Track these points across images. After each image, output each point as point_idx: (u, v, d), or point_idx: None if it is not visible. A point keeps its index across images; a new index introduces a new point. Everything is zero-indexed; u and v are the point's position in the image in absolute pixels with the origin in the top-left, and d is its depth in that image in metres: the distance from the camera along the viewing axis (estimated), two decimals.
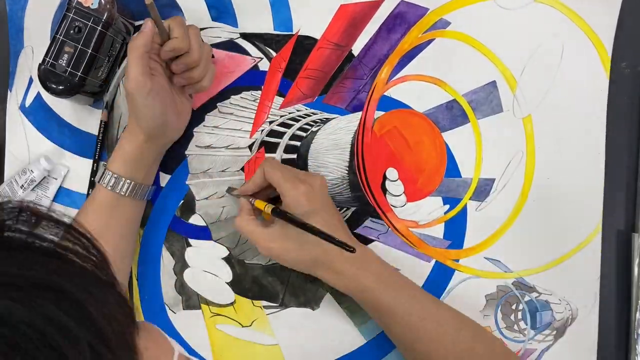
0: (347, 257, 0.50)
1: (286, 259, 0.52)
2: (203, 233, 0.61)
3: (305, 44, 0.60)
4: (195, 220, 0.61)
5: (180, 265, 0.61)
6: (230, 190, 0.59)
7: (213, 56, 0.58)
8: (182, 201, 0.61)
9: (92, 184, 0.61)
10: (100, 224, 0.54)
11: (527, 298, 0.58)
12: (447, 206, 0.59)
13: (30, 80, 0.63)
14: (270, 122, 0.60)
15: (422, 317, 0.51)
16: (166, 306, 0.61)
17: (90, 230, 0.52)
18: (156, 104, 0.53)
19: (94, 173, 0.61)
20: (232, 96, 0.61)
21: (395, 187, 0.59)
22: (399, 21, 0.59)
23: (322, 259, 0.51)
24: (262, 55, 0.60)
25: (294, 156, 0.60)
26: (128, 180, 0.54)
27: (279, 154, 0.60)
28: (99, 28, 0.55)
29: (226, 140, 0.61)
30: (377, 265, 0.53)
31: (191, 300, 0.61)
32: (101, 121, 0.60)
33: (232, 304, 0.61)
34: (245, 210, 0.54)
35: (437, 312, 0.52)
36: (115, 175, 0.54)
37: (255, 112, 0.60)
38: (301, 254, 0.51)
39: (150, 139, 0.54)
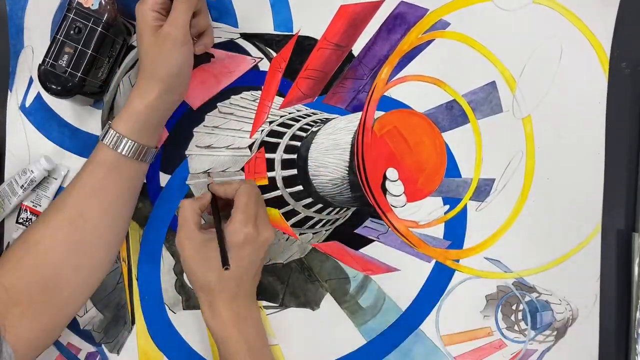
0: (233, 306, 0.52)
1: (188, 266, 0.53)
2: None
3: (305, 44, 0.60)
4: None
5: (181, 266, 0.61)
6: (209, 175, 0.59)
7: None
8: None
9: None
10: (94, 182, 0.53)
11: (527, 298, 0.58)
12: (447, 206, 0.59)
13: (31, 81, 0.63)
14: (270, 122, 0.60)
15: None
16: (166, 306, 0.61)
17: (82, 184, 0.52)
18: (188, 55, 0.53)
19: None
20: (232, 96, 0.61)
21: (395, 187, 0.59)
22: (399, 22, 0.59)
23: (213, 291, 0.52)
24: (262, 56, 0.60)
25: (294, 156, 0.60)
26: (132, 141, 0.52)
27: (279, 154, 0.60)
28: (99, 29, 0.55)
29: (226, 140, 0.61)
30: (255, 336, 0.54)
31: (191, 300, 0.61)
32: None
33: None
34: (200, 201, 0.55)
35: None
36: (119, 135, 0.52)
37: (255, 112, 0.60)
38: (200, 272, 0.52)
39: (167, 91, 0.53)
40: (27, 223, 0.62)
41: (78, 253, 0.53)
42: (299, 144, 0.60)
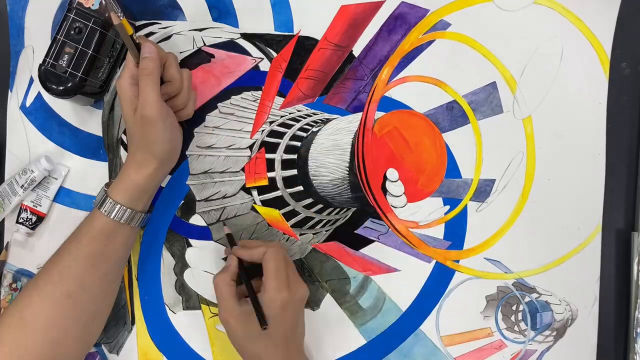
0: None
1: (234, 339, 0.53)
2: (203, 233, 0.61)
3: (305, 45, 0.60)
4: (196, 220, 0.61)
5: (181, 266, 0.61)
6: (229, 237, 0.58)
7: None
8: (182, 202, 0.61)
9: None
10: (95, 250, 0.52)
11: (527, 299, 0.58)
12: (448, 207, 0.59)
13: (31, 80, 0.63)
14: (271, 123, 0.60)
15: None
16: (166, 306, 0.61)
17: (83, 255, 0.52)
18: (173, 127, 0.54)
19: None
20: (233, 96, 0.61)
21: (395, 187, 0.59)
22: (399, 22, 0.59)
23: (262, 357, 0.52)
24: (262, 56, 0.60)
25: (294, 156, 0.60)
26: (130, 209, 0.53)
27: (279, 155, 0.60)
28: (99, 29, 0.55)
29: (227, 140, 0.61)
30: None
31: (191, 300, 0.61)
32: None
33: None
34: (230, 271, 0.54)
35: None
36: (117, 203, 0.52)
37: (255, 112, 0.60)
38: (247, 345, 0.52)
39: (162, 165, 0.54)
40: (27, 223, 0.62)
41: (78, 325, 0.53)
42: (299, 144, 0.60)
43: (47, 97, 0.63)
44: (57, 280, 0.51)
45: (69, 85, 0.55)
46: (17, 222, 0.62)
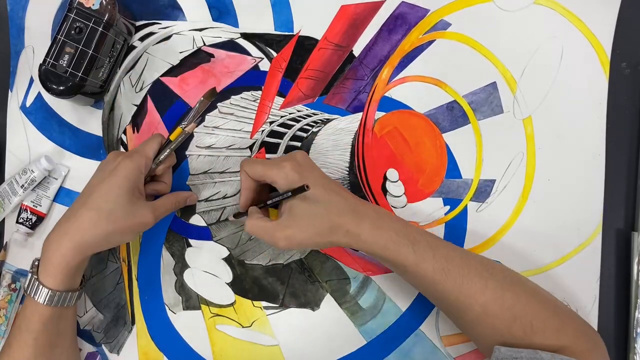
0: (361, 218, 0.49)
1: (305, 238, 0.49)
2: (203, 233, 0.61)
3: (306, 45, 0.60)
4: (196, 220, 0.61)
5: (181, 266, 0.61)
6: (236, 215, 0.58)
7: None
8: None
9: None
10: (44, 343, 0.51)
11: None
12: (448, 207, 0.59)
13: (31, 80, 0.63)
14: (271, 123, 0.60)
15: (447, 268, 0.48)
16: (166, 306, 0.61)
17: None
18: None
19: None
20: (233, 96, 0.61)
21: (395, 188, 0.59)
22: (399, 22, 0.59)
23: (337, 223, 0.49)
24: (262, 56, 0.60)
25: None
26: (65, 292, 0.51)
27: (280, 155, 0.60)
28: (99, 29, 0.55)
29: (227, 140, 0.61)
30: (393, 221, 0.51)
31: (191, 300, 0.61)
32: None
33: (232, 304, 0.61)
34: (254, 211, 0.53)
35: (461, 261, 0.49)
36: (50, 290, 0.50)
37: (255, 112, 0.60)
38: (316, 225, 0.49)
39: (86, 251, 0.52)
40: (27, 223, 0.62)
41: None
42: (299, 144, 0.60)
43: (48, 97, 0.63)
44: None
45: (69, 85, 0.55)
46: (17, 222, 0.62)
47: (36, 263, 0.52)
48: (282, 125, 0.60)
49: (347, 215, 0.49)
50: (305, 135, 0.60)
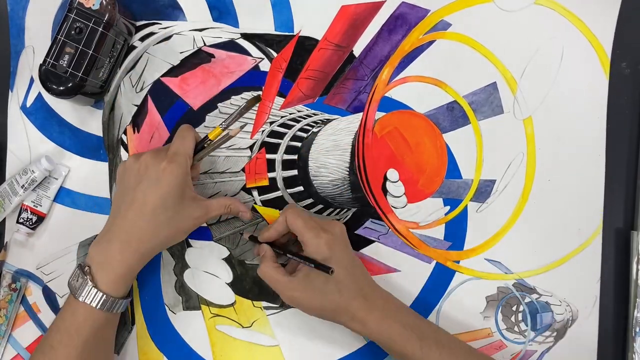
0: (371, 306, 0.50)
1: (309, 307, 0.51)
2: (203, 233, 0.61)
3: (306, 45, 0.60)
4: None
5: (181, 266, 0.61)
6: (252, 238, 0.57)
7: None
8: None
9: None
10: (92, 347, 0.52)
11: (527, 299, 0.58)
12: (448, 207, 0.59)
13: (32, 81, 0.63)
14: (271, 123, 0.60)
15: None
16: (166, 307, 0.61)
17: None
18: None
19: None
20: (233, 96, 0.61)
21: (396, 188, 0.59)
22: (400, 22, 0.59)
23: (344, 307, 0.50)
24: (263, 56, 0.60)
25: (295, 157, 0.60)
26: (120, 299, 0.52)
27: (280, 155, 0.60)
28: (100, 29, 0.55)
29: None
30: (402, 314, 0.52)
31: (191, 300, 0.61)
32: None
33: (232, 304, 0.61)
34: (269, 257, 0.53)
35: None
36: (106, 295, 0.51)
37: (255, 112, 0.60)
38: (324, 302, 0.50)
39: (148, 257, 0.53)
40: (27, 223, 0.62)
41: None
42: (299, 144, 0.60)
43: (48, 97, 0.63)
44: None
45: (70, 85, 0.55)
46: (18, 222, 0.62)
47: (86, 269, 0.51)
48: (282, 125, 0.60)
49: (356, 300, 0.50)
50: (305, 135, 0.60)
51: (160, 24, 0.62)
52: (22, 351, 0.63)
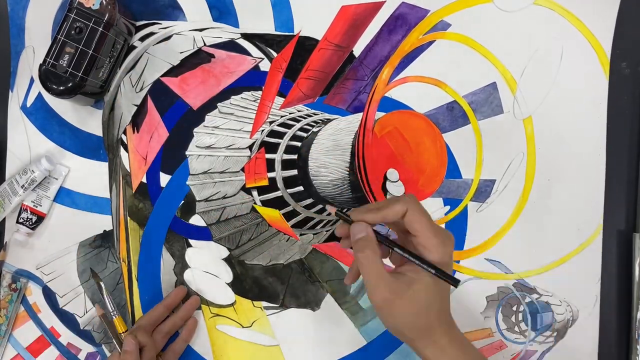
0: (456, 334, 0.44)
1: (398, 317, 0.42)
2: (203, 233, 0.61)
3: (306, 45, 0.60)
4: (196, 220, 0.61)
5: (181, 266, 0.61)
6: (339, 214, 0.45)
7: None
8: (182, 202, 0.61)
9: None
10: None
11: (527, 299, 0.58)
12: (448, 207, 0.59)
13: (32, 81, 0.63)
14: (271, 123, 0.60)
15: None
16: None
17: None
18: None
19: None
20: (233, 96, 0.61)
21: (396, 187, 0.59)
22: (400, 22, 0.59)
23: (433, 328, 0.43)
24: (263, 56, 0.60)
25: (295, 157, 0.60)
26: None
27: (280, 155, 0.60)
28: (100, 29, 0.55)
29: (226, 140, 0.61)
30: (470, 346, 0.45)
31: None
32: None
33: (232, 304, 0.61)
34: (375, 244, 0.43)
35: None
36: None
37: (255, 112, 0.60)
38: (419, 317, 0.42)
39: None
40: (27, 223, 0.62)
41: None
42: (299, 144, 0.60)
43: (48, 97, 0.63)
44: None
45: (69, 85, 0.55)
46: (17, 222, 0.62)
47: None
48: (282, 125, 0.60)
49: (444, 325, 0.44)
50: (305, 135, 0.60)
51: (160, 24, 0.62)
52: (22, 351, 0.63)
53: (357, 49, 0.59)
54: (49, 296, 0.63)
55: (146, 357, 0.56)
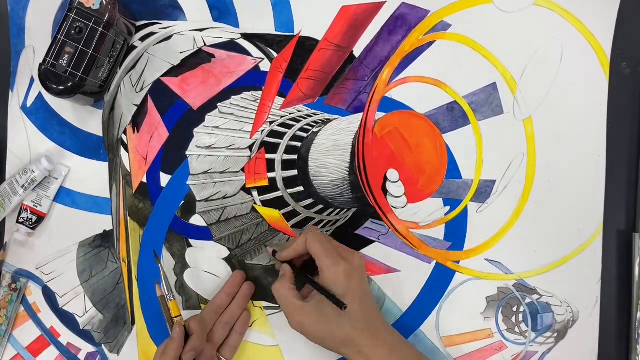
0: (377, 342, 0.50)
1: (316, 335, 0.51)
2: (203, 233, 0.61)
3: (306, 45, 0.60)
4: (196, 220, 0.61)
5: (181, 266, 0.61)
6: (274, 253, 0.57)
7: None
8: (182, 202, 0.61)
9: None
10: None
11: (528, 300, 0.58)
12: (448, 207, 0.59)
13: (32, 80, 0.63)
14: (271, 123, 0.60)
15: None
16: None
17: None
18: None
19: None
20: (233, 96, 0.61)
21: (396, 188, 0.59)
22: (400, 23, 0.59)
23: (352, 340, 0.50)
24: (263, 56, 0.60)
25: (295, 157, 0.60)
26: None
27: (280, 155, 0.60)
28: (100, 29, 0.55)
29: (226, 140, 0.61)
30: (405, 352, 0.52)
31: (191, 300, 0.61)
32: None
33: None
34: (287, 277, 0.54)
35: None
36: None
37: (255, 112, 0.60)
38: (332, 333, 0.50)
39: None
40: (27, 222, 0.62)
41: None
42: (299, 144, 0.60)
43: (48, 97, 0.63)
44: None
45: (69, 84, 0.55)
46: (17, 221, 0.62)
47: None
48: (282, 125, 0.60)
49: (365, 335, 0.50)
50: (305, 135, 0.60)
51: (161, 24, 0.62)
52: (22, 351, 0.63)
53: (358, 50, 0.59)
54: (49, 296, 0.63)
55: (206, 355, 0.55)
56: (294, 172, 0.60)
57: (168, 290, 0.56)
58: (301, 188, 0.60)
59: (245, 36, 0.61)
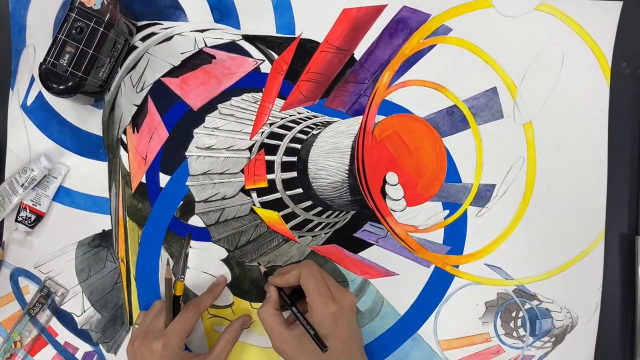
0: None
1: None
2: (202, 234, 0.61)
3: (307, 47, 0.60)
4: (195, 221, 0.61)
5: (179, 266, 0.61)
6: (266, 274, 0.58)
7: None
8: (181, 202, 0.61)
9: None
10: None
11: (527, 306, 0.58)
12: (447, 211, 0.59)
13: (32, 79, 0.63)
14: (271, 124, 0.60)
15: None
16: None
17: None
18: None
19: None
20: (233, 98, 0.61)
21: (395, 191, 0.59)
22: (401, 26, 0.59)
23: None
24: (263, 58, 0.60)
25: (294, 159, 0.60)
26: None
27: (279, 157, 0.60)
28: (101, 29, 0.55)
29: (226, 141, 0.61)
30: None
31: (190, 300, 0.61)
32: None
33: (230, 305, 0.61)
34: (272, 302, 0.54)
35: None
36: None
37: (255, 114, 0.60)
38: None
39: None
40: (26, 221, 0.62)
41: None
42: (299, 146, 0.60)
43: (48, 96, 0.63)
44: None
45: (69, 84, 0.55)
46: (16, 220, 0.62)
47: None
48: (282, 127, 0.60)
49: None
50: (305, 137, 0.60)
51: (162, 24, 0.62)
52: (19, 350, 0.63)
53: (358, 52, 0.59)
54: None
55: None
56: (294, 174, 0.60)
57: (182, 272, 0.56)
58: (300, 190, 0.60)
59: (246, 38, 0.61)
